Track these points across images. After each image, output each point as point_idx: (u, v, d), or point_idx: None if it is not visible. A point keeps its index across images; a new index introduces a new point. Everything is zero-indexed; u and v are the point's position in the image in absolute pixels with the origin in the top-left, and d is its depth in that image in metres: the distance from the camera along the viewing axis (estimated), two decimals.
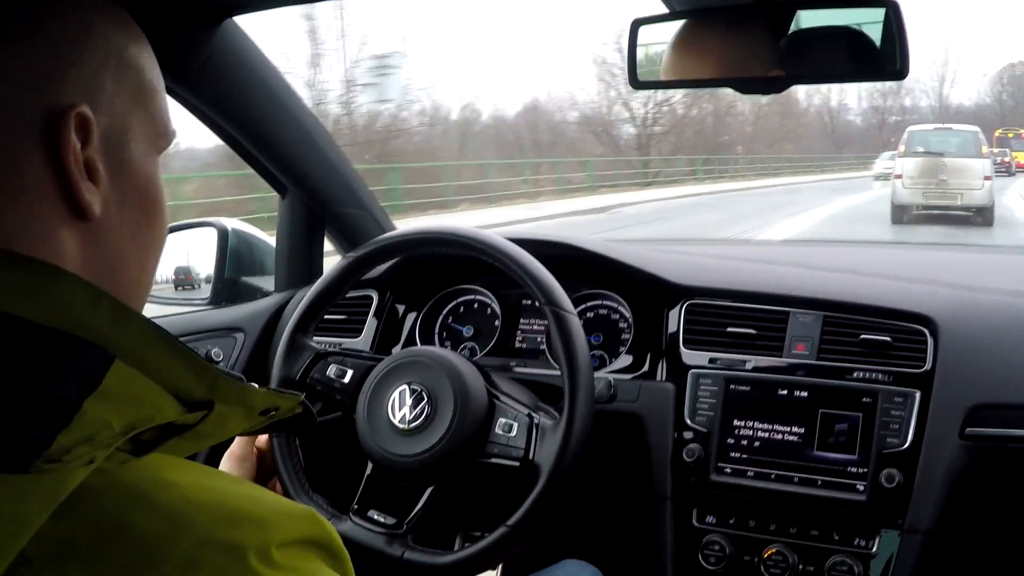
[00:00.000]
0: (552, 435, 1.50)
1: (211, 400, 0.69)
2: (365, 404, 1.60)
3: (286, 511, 0.67)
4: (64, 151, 0.68)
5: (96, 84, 0.72)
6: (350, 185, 2.24)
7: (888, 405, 1.64)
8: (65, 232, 0.69)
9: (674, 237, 15.20)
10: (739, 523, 1.74)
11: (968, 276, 1.99)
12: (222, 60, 1.75)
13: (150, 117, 0.78)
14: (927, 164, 18.70)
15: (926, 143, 19.66)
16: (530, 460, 1.50)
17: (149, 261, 0.80)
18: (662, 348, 1.86)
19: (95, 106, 0.71)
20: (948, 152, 18.95)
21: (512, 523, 1.47)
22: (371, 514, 1.59)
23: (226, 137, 1.96)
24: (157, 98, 0.80)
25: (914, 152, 19.36)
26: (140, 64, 0.77)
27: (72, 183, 0.69)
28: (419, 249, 1.76)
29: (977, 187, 18.05)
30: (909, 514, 1.61)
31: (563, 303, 1.56)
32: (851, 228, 18.10)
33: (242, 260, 2.37)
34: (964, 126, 21.86)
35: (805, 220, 19.72)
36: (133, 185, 0.76)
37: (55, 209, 0.69)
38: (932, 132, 20.69)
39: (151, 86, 0.79)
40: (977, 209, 18.19)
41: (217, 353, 2.09)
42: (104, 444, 0.61)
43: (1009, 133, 40.19)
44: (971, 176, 18.13)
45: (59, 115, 0.68)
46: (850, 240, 11.61)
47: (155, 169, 0.79)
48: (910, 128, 21.15)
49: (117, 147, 0.74)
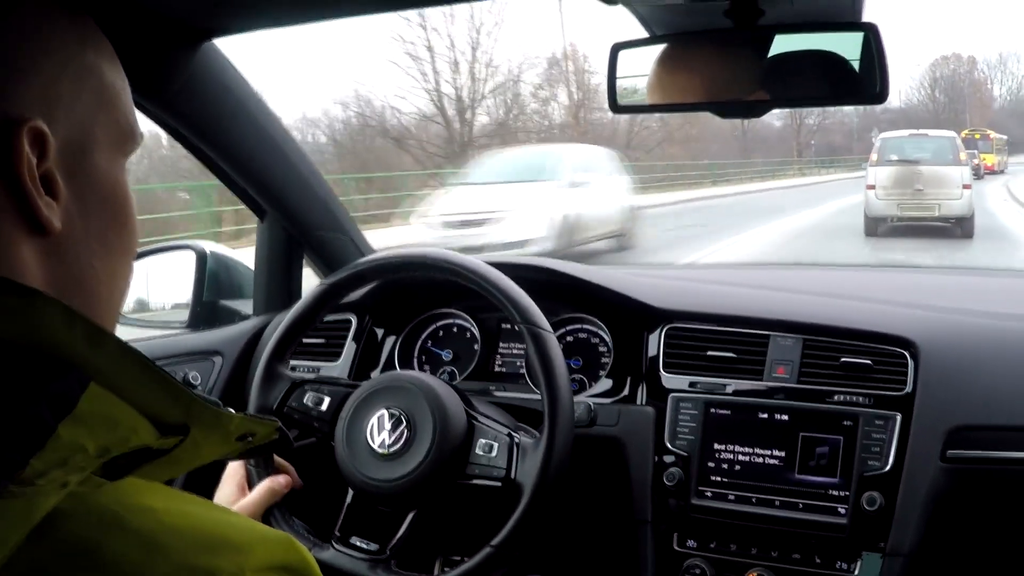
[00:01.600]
0: (533, 453, 1.50)
1: (187, 425, 0.68)
2: (344, 430, 1.59)
3: (262, 537, 0.66)
4: (18, 167, 0.66)
5: (53, 93, 0.70)
6: (329, 208, 2.24)
7: (869, 428, 1.64)
8: (25, 248, 0.68)
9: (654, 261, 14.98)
10: (720, 547, 1.73)
11: (948, 299, 2.00)
12: (201, 82, 1.74)
13: (114, 122, 0.76)
14: (902, 173, 17.74)
15: (900, 151, 18.58)
16: (512, 479, 1.50)
17: (120, 270, 0.78)
18: (642, 372, 1.86)
19: (52, 117, 0.69)
20: (924, 160, 17.95)
21: (497, 543, 1.47)
22: (353, 540, 1.58)
23: (204, 159, 1.95)
24: (120, 101, 0.78)
25: (887, 160, 18.33)
26: (100, 69, 0.75)
27: (29, 199, 0.67)
28: (396, 273, 1.76)
29: (956, 196, 17.08)
30: (891, 537, 1.61)
31: (539, 321, 1.57)
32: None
33: (220, 283, 2.35)
34: (940, 132, 20.96)
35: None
36: (97, 194, 0.74)
37: (13, 225, 0.67)
38: (906, 139, 19.57)
39: (113, 90, 0.77)
40: (956, 219, 17.16)
41: (195, 376, 2.07)
42: (78, 468, 0.60)
43: (976, 134, 39.36)
44: (949, 185, 17.13)
45: (12, 129, 0.66)
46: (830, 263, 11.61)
47: (120, 175, 0.77)
48: (882, 135, 20.30)
49: (78, 157, 0.72)
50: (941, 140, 18.95)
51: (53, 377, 0.60)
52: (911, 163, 17.91)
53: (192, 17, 1.55)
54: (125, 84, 0.79)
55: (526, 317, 1.57)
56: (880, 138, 19.80)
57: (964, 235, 16.74)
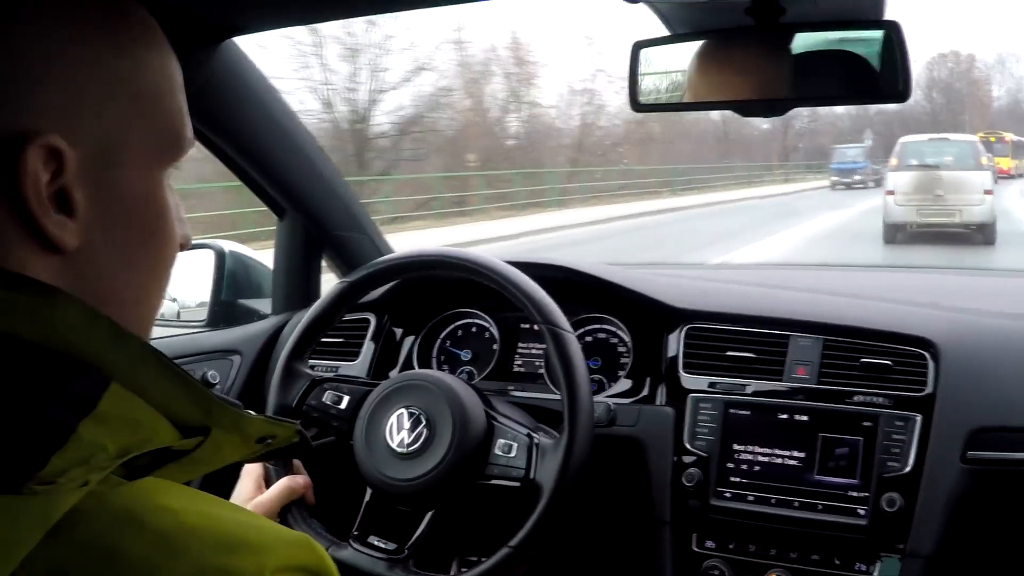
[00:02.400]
0: (553, 454, 1.49)
1: (207, 426, 0.68)
2: (363, 429, 1.59)
3: (281, 538, 0.66)
4: (23, 188, 0.63)
5: (76, 103, 0.66)
6: (349, 208, 2.24)
7: (889, 429, 1.64)
8: (39, 265, 0.65)
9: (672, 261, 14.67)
10: (739, 548, 1.73)
11: (968, 299, 1.99)
12: (222, 80, 1.75)
13: (154, 130, 0.72)
14: (922, 178, 17.23)
15: (920, 155, 18.09)
16: (531, 480, 1.50)
17: (150, 285, 0.75)
18: (661, 372, 1.85)
19: (74, 128, 0.65)
20: (944, 164, 17.54)
21: (515, 543, 1.46)
22: (371, 540, 1.58)
23: (224, 158, 1.96)
24: (164, 106, 0.73)
25: (907, 165, 17.91)
26: (139, 71, 0.70)
27: (35, 219, 0.64)
28: (414, 272, 1.76)
29: (977, 202, 16.55)
30: (910, 538, 1.60)
31: (560, 322, 1.56)
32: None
33: (239, 282, 2.36)
34: (962, 135, 20.57)
35: None
36: (124, 207, 0.70)
37: (23, 245, 0.64)
38: (926, 143, 19.02)
39: (155, 94, 0.72)
40: (977, 226, 16.69)
41: (214, 375, 2.08)
42: (98, 467, 0.60)
43: (991, 136, 37.49)
44: (970, 190, 16.64)
45: (19, 146, 0.62)
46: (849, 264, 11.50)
47: (156, 187, 0.73)
48: (902, 139, 19.74)
49: (105, 168, 0.68)
50: (962, 144, 18.58)
51: (72, 377, 0.60)
52: (931, 168, 17.57)
53: (213, 15, 1.55)
54: (173, 84, 0.75)
55: (547, 317, 1.56)
56: (900, 142, 19.42)
57: (986, 242, 16.42)
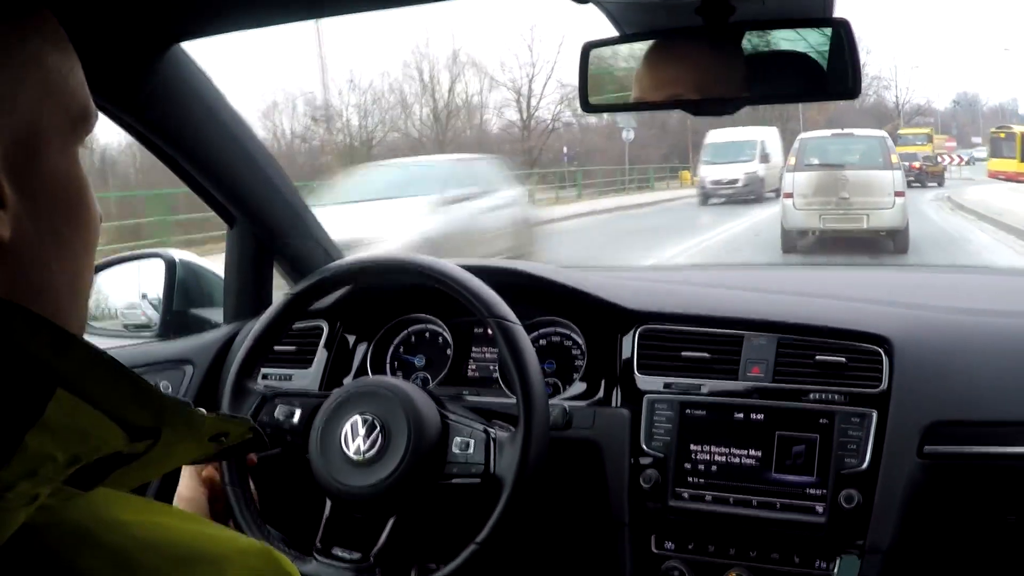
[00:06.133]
0: (511, 446, 1.50)
1: (158, 428, 0.66)
2: (317, 441, 1.58)
3: (240, 548, 0.64)
4: None
5: None
6: (299, 215, 2.22)
7: (845, 426, 1.64)
8: None
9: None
10: (698, 548, 1.73)
11: (922, 295, 2.01)
12: (169, 86, 1.72)
13: (63, 109, 0.70)
14: (824, 179, 15.01)
15: (822, 153, 15.76)
16: (492, 474, 1.50)
17: (81, 267, 0.73)
18: (616, 374, 1.85)
19: None
20: (850, 163, 15.15)
21: (481, 539, 1.47)
22: (335, 551, 1.58)
23: (173, 165, 1.93)
24: (69, 85, 0.71)
25: (807, 165, 15.52)
26: (41, 54, 0.69)
27: None
28: (360, 279, 1.76)
29: (887, 205, 14.39)
30: (869, 534, 1.61)
31: (507, 315, 1.58)
32: None
33: (190, 291, 2.34)
34: (868, 131, 17.71)
35: None
36: (49, 191, 0.68)
37: None
38: (829, 139, 16.68)
39: (59, 74, 0.70)
40: (888, 232, 14.58)
41: (166, 386, 2.06)
42: (47, 479, 0.58)
43: (1001, 133, 31.49)
44: (879, 192, 14.45)
45: None
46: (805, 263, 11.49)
47: (73, 165, 0.71)
48: (801, 135, 17.48)
49: (27, 156, 0.66)
50: (870, 140, 16.08)
51: (16, 385, 0.58)
52: (835, 167, 15.29)
53: (157, 21, 1.53)
54: (73, 62, 0.73)
55: (492, 311, 1.57)
56: (799, 138, 17.10)
57: (898, 250, 14.31)
